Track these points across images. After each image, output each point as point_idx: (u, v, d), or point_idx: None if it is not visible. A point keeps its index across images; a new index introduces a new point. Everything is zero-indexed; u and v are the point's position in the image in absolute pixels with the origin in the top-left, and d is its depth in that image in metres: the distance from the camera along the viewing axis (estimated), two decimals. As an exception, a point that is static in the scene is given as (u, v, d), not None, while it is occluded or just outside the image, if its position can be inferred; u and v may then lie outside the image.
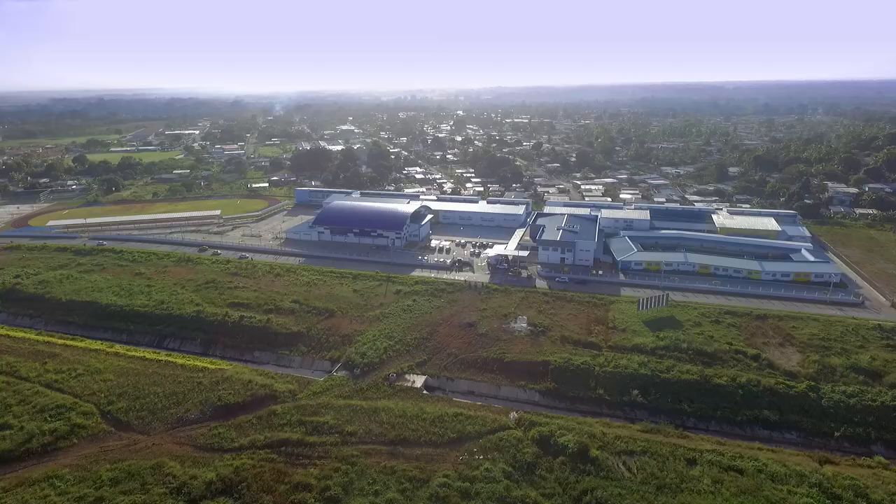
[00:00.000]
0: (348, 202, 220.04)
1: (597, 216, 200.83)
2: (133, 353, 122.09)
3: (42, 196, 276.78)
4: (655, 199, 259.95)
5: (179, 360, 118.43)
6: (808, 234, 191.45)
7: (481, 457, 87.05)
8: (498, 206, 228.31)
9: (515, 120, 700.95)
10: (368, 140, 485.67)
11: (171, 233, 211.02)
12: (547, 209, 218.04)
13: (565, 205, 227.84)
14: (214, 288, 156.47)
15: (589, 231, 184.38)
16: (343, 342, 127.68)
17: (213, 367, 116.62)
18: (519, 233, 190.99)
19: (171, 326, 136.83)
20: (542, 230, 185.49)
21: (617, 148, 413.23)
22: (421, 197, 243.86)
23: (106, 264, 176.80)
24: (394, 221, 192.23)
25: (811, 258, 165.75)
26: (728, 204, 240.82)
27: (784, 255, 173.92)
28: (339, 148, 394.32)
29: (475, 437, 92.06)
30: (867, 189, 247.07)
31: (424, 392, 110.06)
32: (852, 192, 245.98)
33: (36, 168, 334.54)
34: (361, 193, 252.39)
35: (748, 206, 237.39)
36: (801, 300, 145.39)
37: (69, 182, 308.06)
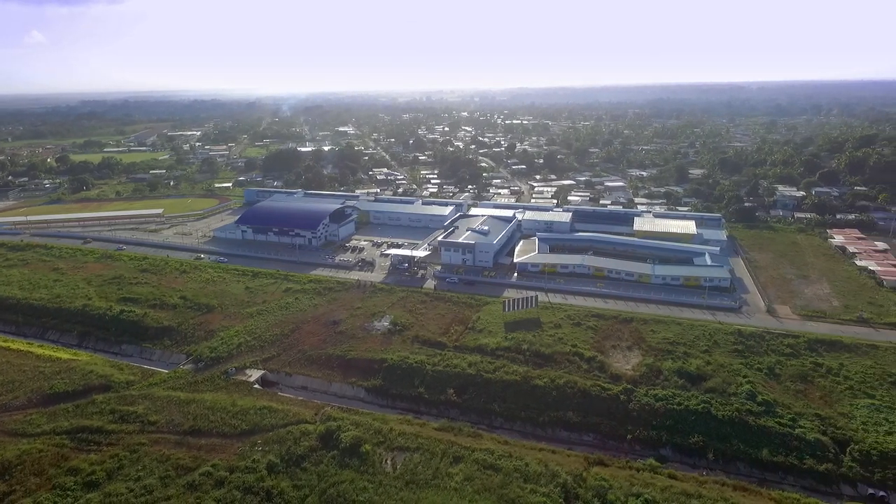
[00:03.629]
0: (273, 202, 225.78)
1: (514, 218, 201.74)
2: (2, 344, 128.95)
3: (11, 194, 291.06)
4: (601, 202, 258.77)
5: (39, 351, 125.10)
6: (724, 237, 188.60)
7: (259, 448, 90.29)
8: (432, 206, 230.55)
9: (515, 121, 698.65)
10: (355, 141, 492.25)
11: (110, 230, 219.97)
12: (473, 211, 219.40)
13: (495, 206, 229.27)
14: (117, 283, 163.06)
15: (496, 233, 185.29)
16: (206, 337, 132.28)
17: (69, 357, 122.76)
18: (437, 233, 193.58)
19: (56, 319, 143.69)
20: (452, 232, 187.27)
21: (592, 150, 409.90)
22: (360, 197, 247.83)
23: (31, 260, 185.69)
24: (310, 221, 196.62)
25: (708, 262, 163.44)
26: (666, 206, 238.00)
27: (689, 258, 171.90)
28: (310, 149, 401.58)
29: (267, 430, 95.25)
30: (813, 192, 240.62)
31: (256, 386, 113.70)
32: (797, 196, 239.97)
33: (18, 167, 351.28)
34: (305, 193, 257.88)
35: (687, 208, 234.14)
36: (678, 304, 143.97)
37: (45, 181, 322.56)
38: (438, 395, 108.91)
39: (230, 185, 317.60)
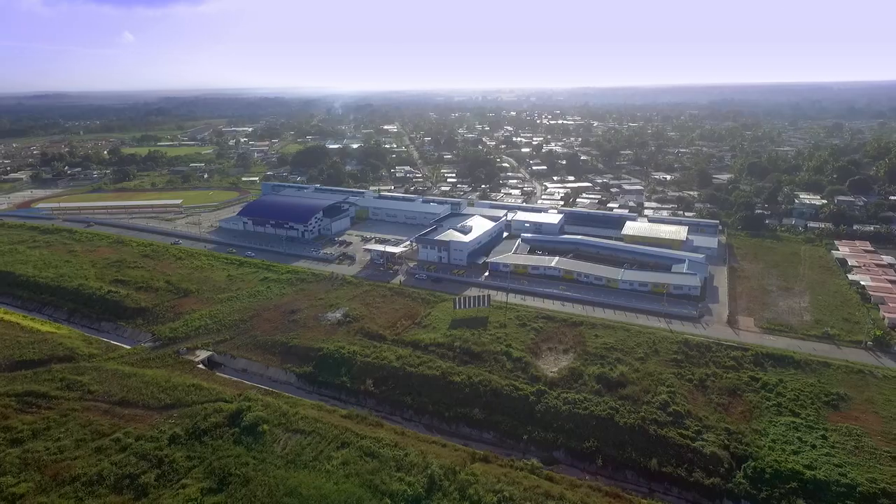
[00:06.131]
0: (275, 196, 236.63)
1: (501, 219, 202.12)
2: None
3: (61, 182, 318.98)
4: (609, 204, 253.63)
5: (26, 323, 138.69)
6: (715, 244, 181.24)
7: (172, 421, 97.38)
8: (429, 204, 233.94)
9: (560, 122, 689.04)
10: (386, 139, 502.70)
11: (131, 218, 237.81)
12: (467, 210, 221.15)
13: (491, 205, 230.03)
14: (117, 266, 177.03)
15: (478, 232, 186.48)
16: (173, 318, 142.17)
17: (50, 330, 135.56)
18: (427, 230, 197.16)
19: (54, 296, 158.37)
20: (434, 229, 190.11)
21: (624, 152, 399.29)
22: (366, 194, 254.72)
23: (54, 242, 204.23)
24: (303, 215, 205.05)
25: (683, 270, 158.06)
26: (672, 211, 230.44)
27: (668, 265, 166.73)
28: (337, 146, 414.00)
29: (186, 405, 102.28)
30: (836, 201, 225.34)
31: (200, 366, 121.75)
32: (817, 205, 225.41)
33: (76, 158, 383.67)
34: (316, 188, 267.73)
35: (692, 214, 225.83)
36: (637, 310, 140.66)
37: (94, 171, 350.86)
38: (359, 385, 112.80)
39: (257, 178, 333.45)
